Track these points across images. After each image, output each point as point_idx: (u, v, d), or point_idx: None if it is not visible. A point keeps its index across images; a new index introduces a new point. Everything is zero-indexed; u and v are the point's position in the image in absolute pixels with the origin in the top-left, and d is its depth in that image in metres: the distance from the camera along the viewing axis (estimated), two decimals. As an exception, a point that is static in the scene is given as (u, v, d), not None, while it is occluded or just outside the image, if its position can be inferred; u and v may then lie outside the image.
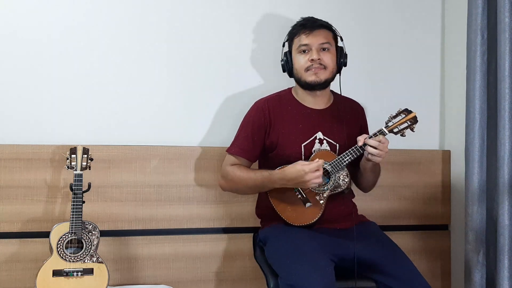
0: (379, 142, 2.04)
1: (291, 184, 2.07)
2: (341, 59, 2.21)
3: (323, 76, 2.16)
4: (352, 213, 2.23)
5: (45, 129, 2.38)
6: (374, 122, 2.15)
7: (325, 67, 2.15)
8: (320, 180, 2.02)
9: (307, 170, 2.01)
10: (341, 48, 2.22)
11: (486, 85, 2.43)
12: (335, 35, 2.22)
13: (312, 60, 2.13)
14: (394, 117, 2.11)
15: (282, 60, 2.25)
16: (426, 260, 2.67)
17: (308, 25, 2.17)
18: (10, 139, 2.32)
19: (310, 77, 2.15)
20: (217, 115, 2.53)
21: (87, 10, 2.43)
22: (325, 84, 2.19)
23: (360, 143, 2.07)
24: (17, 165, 2.30)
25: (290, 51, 2.22)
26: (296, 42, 2.18)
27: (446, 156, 2.73)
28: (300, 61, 2.16)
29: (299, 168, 2.03)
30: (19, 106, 2.36)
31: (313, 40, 2.14)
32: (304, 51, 2.15)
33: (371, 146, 2.04)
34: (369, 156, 2.05)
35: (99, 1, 2.44)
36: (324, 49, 2.16)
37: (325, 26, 2.19)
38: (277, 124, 2.20)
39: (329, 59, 2.16)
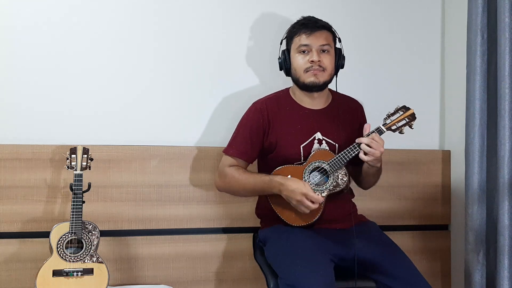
0: (373, 140, 2.03)
1: (285, 193, 2.05)
2: (339, 61, 2.20)
3: (322, 78, 2.15)
4: (352, 213, 2.23)
5: (45, 129, 2.38)
6: (374, 122, 2.15)
7: (324, 69, 2.14)
8: (307, 211, 2.03)
9: (304, 192, 2.01)
10: (340, 50, 2.21)
11: (486, 85, 2.43)
12: (334, 37, 2.21)
13: (312, 61, 2.12)
14: (392, 114, 2.11)
15: (279, 58, 2.23)
16: (426, 260, 2.67)
17: (310, 25, 2.15)
18: (10, 139, 2.33)
19: (309, 78, 2.14)
20: (217, 115, 2.53)
21: (88, 12, 2.43)
22: (323, 86, 2.18)
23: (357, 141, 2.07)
24: (17, 165, 2.30)
25: (288, 50, 2.20)
26: (296, 41, 2.16)
27: (446, 156, 2.73)
28: (299, 61, 2.15)
29: (301, 186, 2.02)
30: (19, 106, 2.36)
31: (313, 40, 2.13)
32: (303, 52, 2.14)
33: (365, 144, 2.03)
34: (364, 156, 2.04)
35: (99, 3, 2.44)
36: (324, 51, 2.14)
37: (326, 27, 2.17)
38: (275, 125, 2.19)
39: (328, 62, 2.15)
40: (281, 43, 2.26)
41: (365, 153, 2.03)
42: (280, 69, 2.24)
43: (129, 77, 2.47)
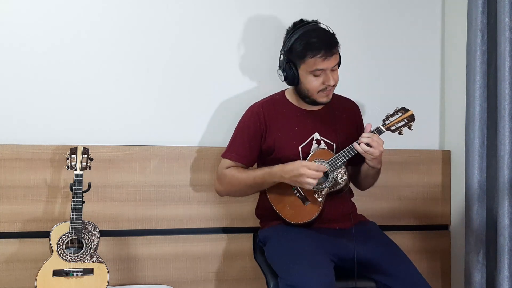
0: (373, 139, 2.03)
1: (288, 177, 2.06)
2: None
3: (331, 95, 2.16)
4: (351, 212, 2.23)
5: (45, 129, 2.38)
6: (374, 123, 2.15)
7: (334, 86, 2.14)
8: (315, 181, 2.02)
9: (304, 164, 2.02)
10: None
11: (486, 85, 2.43)
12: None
13: (328, 85, 2.10)
14: (392, 115, 2.13)
15: (284, 70, 2.13)
16: (426, 260, 2.67)
17: (324, 48, 2.04)
18: (10, 139, 2.32)
19: (321, 98, 2.14)
20: (217, 115, 2.53)
21: (89, 12, 2.43)
22: None
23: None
24: (17, 165, 2.30)
25: (294, 64, 2.10)
26: (310, 64, 2.06)
27: (446, 156, 2.73)
28: (313, 83, 2.09)
29: (298, 162, 2.05)
30: (20, 106, 2.36)
31: (329, 64, 2.07)
32: (317, 74, 2.09)
33: (365, 143, 2.03)
34: (364, 154, 2.04)
35: (100, 6, 2.43)
36: (334, 69, 2.11)
37: (337, 45, 2.11)
38: (273, 128, 2.19)
39: (337, 77, 2.13)
40: (281, 53, 2.15)
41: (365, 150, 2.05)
42: (284, 80, 2.16)
43: (129, 78, 2.46)
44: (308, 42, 2.06)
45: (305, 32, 2.08)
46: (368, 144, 2.03)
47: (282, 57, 2.15)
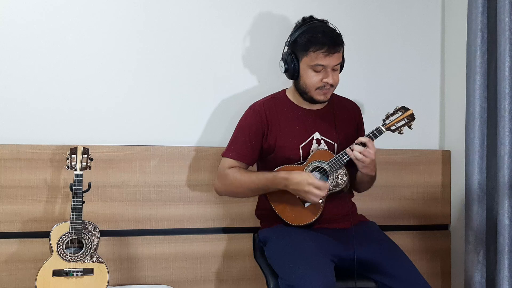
0: (365, 146, 2.03)
1: (292, 187, 2.05)
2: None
3: (329, 95, 2.16)
4: (351, 212, 2.23)
5: (45, 129, 2.38)
6: (374, 122, 2.15)
7: (333, 86, 2.13)
8: (317, 200, 2.02)
9: (310, 182, 2.01)
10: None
11: (486, 85, 2.43)
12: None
13: (327, 83, 2.10)
14: (391, 114, 2.12)
15: (285, 62, 2.15)
16: (426, 260, 2.67)
17: (329, 44, 2.05)
18: (10, 139, 2.32)
19: (319, 96, 2.14)
20: (216, 115, 2.53)
21: (89, 14, 2.43)
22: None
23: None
24: (17, 165, 2.30)
25: (296, 57, 2.11)
26: (312, 57, 2.07)
27: (446, 156, 2.73)
28: (312, 79, 2.10)
29: (305, 177, 2.03)
30: (20, 106, 2.36)
31: (331, 61, 2.07)
32: (317, 70, 2.09)
33: (358, 151, 2.03)
34: (355, 161, 2.05)
35: (100, 6, 2.43)
36: (335, 69, 2.11)
37: (342, 44, 2.11)
38: (274, 126, 2.19)
39: (337, 78, 2.13)
40: (286, 45, 2.18)
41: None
42: (284, 72, 2.17)
43: (129, 78, 2.46)
44: (313, 36, 2.08)
45: (312, 27, 2.10)
46: (360, 152, 2.04)
47: (286, 49, 2.17)
